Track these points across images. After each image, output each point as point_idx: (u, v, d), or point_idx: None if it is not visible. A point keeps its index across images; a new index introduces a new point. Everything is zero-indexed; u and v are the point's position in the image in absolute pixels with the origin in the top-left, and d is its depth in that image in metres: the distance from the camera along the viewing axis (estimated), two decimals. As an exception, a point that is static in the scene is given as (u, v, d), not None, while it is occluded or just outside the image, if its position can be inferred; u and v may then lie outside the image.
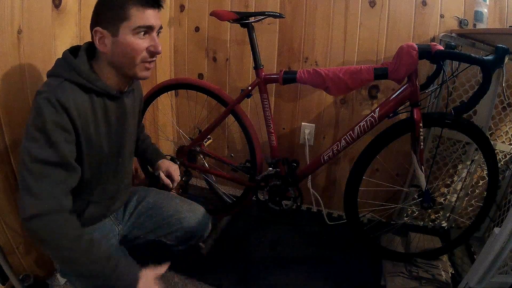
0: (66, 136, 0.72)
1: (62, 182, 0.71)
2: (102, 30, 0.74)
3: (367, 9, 1.35)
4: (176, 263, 1.25)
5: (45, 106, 0.68)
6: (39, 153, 0.68)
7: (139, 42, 0.75)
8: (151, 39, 0.77)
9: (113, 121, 0.84)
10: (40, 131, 0.68)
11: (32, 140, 0.69)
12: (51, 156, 0.69)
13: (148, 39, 0.77)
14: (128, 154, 0.95)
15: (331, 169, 1.64)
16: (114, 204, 0.95)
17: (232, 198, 1.59)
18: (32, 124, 0.69)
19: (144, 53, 0.77)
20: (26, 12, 0.92)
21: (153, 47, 0.77)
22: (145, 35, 0.76)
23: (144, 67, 0.80)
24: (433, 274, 1.17)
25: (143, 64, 0.79)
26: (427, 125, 1.09)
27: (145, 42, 0.76)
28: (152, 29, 0.76)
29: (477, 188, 1.43)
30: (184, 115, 1.83)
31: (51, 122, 0.68)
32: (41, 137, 0.68)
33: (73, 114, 0.72)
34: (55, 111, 0.69)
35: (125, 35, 0.74)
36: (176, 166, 1.11)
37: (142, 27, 0.74)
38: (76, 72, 0.74)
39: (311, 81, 1.13)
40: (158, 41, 0.78)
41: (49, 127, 0.68)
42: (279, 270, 1.27)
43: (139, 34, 0.75)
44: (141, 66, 0.79)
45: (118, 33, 0.74)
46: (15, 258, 1.01)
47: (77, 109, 0.73)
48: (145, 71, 0.81)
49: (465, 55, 0.92)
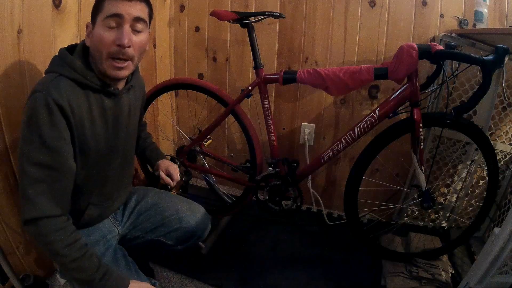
0: (62, 136, 0.70)
1: (57, 187, 0.71)
2: (89, 24, 0.74)
3: (367, 9, 1.35)
4: (176, 263, 1.26)
5: (40, 106, 0.67)
6: (35, 155, 0.67)
7: (106, 34, 0.70)
8: (120, 31, 0.71)
9: (111, 119, 0.82)
10: (35, 132, 0.67)
11: (27, 142, 0.68)
12: (46, 158, 0.68)
13: (117, 31, 0.71)
14: (127, 154, 0.94)
15: (331, 169, 1.64)
16: (113, 205, 0.95)
17: (232, 198, 1.59)
18: (27, 126, 0.68)
19: (112, 48, 0.71)
20: (26, 12, 0.92)
21: (118, 39, 0.70)
22: (114, 28, 0.71)
23: (112, 64, 0.73)
24: (433, 274, 1.17)
25: (111, 61, 0.72)
26: (427, 125, 1.09)
27: (112, 35, 0.70)
28: (121, 18, 0.70)
29: (477, 188, 1.42)
30: (184, 115, 1.83)
31: (46, 123, 0.67)
32: (36, 139, 0.67)
33: (67, 112, 0.70)
34: (49, 111, 0.67)
35: (97, 27, 0.71)
36: (176, 166, 1.10)
37: (108, 16, 0.69)
38: (72, 68, 0.73)
39: (311, 81, 1.13)
40: (125, 34, 0.71)
41: (44, 128, 0.67)
42: (279, 270, 1.26)
43: (108, 25, 0.70)
44: (109, 63, 0.73)
45: (95, 25, 0.73)
46: (15, 258, 1.01)
47: (71, 106, 0.71)
48: (114, 70, 0.73)
49: (465, 55, 0.92)
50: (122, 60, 0.73)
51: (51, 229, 0.69)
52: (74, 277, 0.74)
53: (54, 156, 0.69)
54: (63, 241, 0.70)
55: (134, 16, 0.72)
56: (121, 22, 0.71)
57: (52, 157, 0.69)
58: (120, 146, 0.88)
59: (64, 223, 0.72)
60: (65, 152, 0.72)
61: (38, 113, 0.67)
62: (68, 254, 0.70)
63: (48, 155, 0.68)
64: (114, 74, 0.74)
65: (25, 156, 0.68)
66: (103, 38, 0.70)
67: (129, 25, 0.72)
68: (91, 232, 0.89)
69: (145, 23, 0.76)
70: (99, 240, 0.88)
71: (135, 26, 0.73)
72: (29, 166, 0.67)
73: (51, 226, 0.69)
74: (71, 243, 0.71)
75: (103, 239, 0.90)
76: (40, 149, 0.68)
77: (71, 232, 0.73)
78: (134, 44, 0.74)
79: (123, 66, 0.74)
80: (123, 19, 0.70)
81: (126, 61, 0.74)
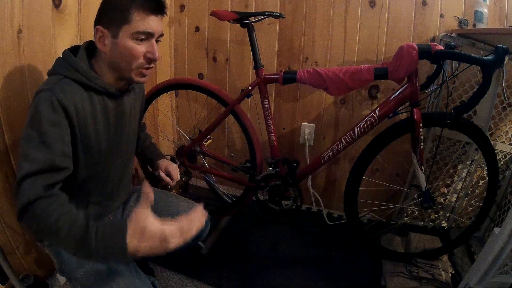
0: (62, 135, 0.71)
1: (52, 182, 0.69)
2: (103, 30, 0.74)
3: (367, 9, 1.35)
4: (176, 263, 1.26)
5: (43, 105, 0.68)
6: (33, 152, 0.67)
7: (137, 47, 0.75)
8: (150, 45, 0.77)
9: (112, 120, 0.84)
10: (36, 130, 0.68)
11: (28, 139, 0.68)
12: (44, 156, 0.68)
13: (146, 45, 0.76)
14: (128, 154, 0.95)
15: (331, 169, 1.64)
16: (113, 204, 0.95)
17: (232, 198, 1.59)
18: (30, 123, 0.69)
19: (141, 59, 0.77)
20: (26, 12, 0.92)
21: (150, 54, 0.77)
22: (144, 41, 0.76)
23: (140, 73, 0.79)
24: (433, 274, 1.17)
25: (140, 70, 0.78)
26: (427, 125, 1.09)
27: (143, 48, 0.76)
28: (152, 35, 0.76)
29: (477, 188, 1.43)
30: (184, 115, 1.83)
31: (48, 121, 0.68)
32: (36, 136, 0.68)
33: (71, 112, 0.71)
34: (52, 110, 0.68)
35: (125, 39, 0.74)
36: (176, 166, 1.10)
37: (142, 33, 0.74)
38: (75, 69, 0.74)
39: (311, 81, 1.13)
40: (156, 48, 0.77)
41: (45, 126, 0.68)
42: (279, 270, 1.27)
43: (138, 39, 0.74)
44: (137, 71, 0.78)
45: (118, 35, 0.74)
46: (15, 258, 1.01)
47: (75, 107, 0.72)
48: (141, 77, 0.80)
49: (465, 55, 0.92)
50: (149, 69, 0.81)
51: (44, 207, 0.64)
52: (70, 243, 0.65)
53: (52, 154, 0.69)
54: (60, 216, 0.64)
55: (160, 32, 0.79)
56: (149, 37, 0.76)
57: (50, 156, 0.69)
58: (121, 147, 0.89)
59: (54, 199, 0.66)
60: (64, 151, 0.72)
61: (41, 111, 0.68)
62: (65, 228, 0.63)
63: (46, 153, 0.68)
64: (140, 80, 0.81)
65: (24, 153, 0.68)
66: (134, 51, 0.75)
67: (155, 39, 0.78)
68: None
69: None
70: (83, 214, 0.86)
71: (158, 38, 0.80)
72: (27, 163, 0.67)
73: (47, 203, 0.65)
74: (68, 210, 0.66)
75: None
76: (38, 147, 0.68)
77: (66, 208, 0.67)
78: None
79: (148, 74, 0.81)
80: (153, 36, 0.77)
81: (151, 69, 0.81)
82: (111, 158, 0.87)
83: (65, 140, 0.72)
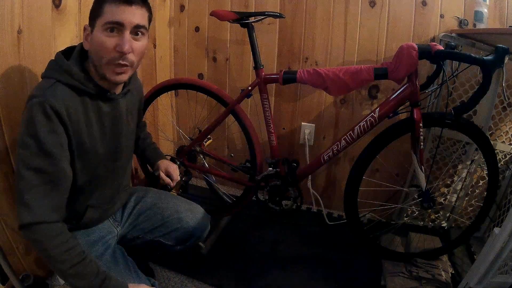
0: (59, 141, 0.70)
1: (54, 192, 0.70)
2: (88, 27, 0.74)
3: (367, 9, 1.35)
4: (176, 263, 1.26)
5: (37, 112, 0.67)
6: (32, 160, 0.67)
7: (106, 39, 0.70)
8: (121, 38, 0.70)
9: (108, 124, 0.82)
10: (32, 138, 0.67)
11: (25, 146, 0.68)
12: (43, 164, 0.68)
13: (117, 37, 0.70)
14: (126, 156, 0.94)
15: (331, 169, 1.64)
16: (113, 207, 0.95)
17: (232, 198, 1.59)
18: (25, 131, 0.68)
19: (112, 54, 0.71)
20: (26, 12, 0.92)
21: (119, 46, 0.70)
22: (113, 32, 0.70)
23: (113, 70, 0.73)
24: (433, 274, 1.17)
25: (112, 66, 0.72)
26: (427, 125, 1.09)
27: (112, 41, 0.70)
28: (122, 25, 0.70)
29: (477, 188, 1.42)
30: (184, 115, 1.83)
31: (43, 129, 0.67)
32: (34, 144, 0.67)
33: (65, 118, 0.70)
34: (47, 117, 0.67)
35: (97, 32, 0.71)
36: (176, 166, 1.10)
37: (110, 23, 0.69)
38: (68, 73, 0.72)
39: (311, 81, 1.13)
40: (126, 40, 0.70)
41: (42, 134, 0.67)
42: (279, 270, 1.26)
43: (108, 31, 0.70)
44: (109, 68, 0.72)
45: (94, 29, 0.72)
46: (15, 258, 1.01)
47: (68, 112, 0.71)
48: (114, 75, 0.73)
49: (465, 55, 0.92)
50: (123, 66, 0.73)
51: (46, 235, 0.69)
52: (73, 284, 0.72)
53: (51, 161, 0.69)
54: (60, 246, 0.70)
55: (134, 24, 0.71)
56: (121, 28, 0.71)
57: (49, 163, 0.69)
58: (118, 150, 0.88)
59: (60, 229, 0.71)
60: (62, 158, 0.71)
61: (36, 119, 0.67)
62: (67, 260, 0.70)
63: (45, 160, 0.68)
64: (114, 79, 0.74)
65: (22, 160, 0.67)
66: (103, 43, 0.70)
67: (129, 31, 0.72)
68: (90, 232, 0.89)
69: (145, 28, 0.75)
70: (98, 240, 0.88)
71: (135, 32, 0.73)
72: (26, 171, 0.67)
73: (47, 232, 0.69)
74: (69, 248, 0.71)
75: (102, 240, 0.90)
76: (37, 154, 0.67)
77: (68, 238, 0.72)
78: (135, 50, 0.74)
79: (123, 71, 0.74)
80: (123, 26, 0.70)
81: (126, 66, 0.74)
82: (109, 162, 0.86)
83: (63, 145, 0.72)
